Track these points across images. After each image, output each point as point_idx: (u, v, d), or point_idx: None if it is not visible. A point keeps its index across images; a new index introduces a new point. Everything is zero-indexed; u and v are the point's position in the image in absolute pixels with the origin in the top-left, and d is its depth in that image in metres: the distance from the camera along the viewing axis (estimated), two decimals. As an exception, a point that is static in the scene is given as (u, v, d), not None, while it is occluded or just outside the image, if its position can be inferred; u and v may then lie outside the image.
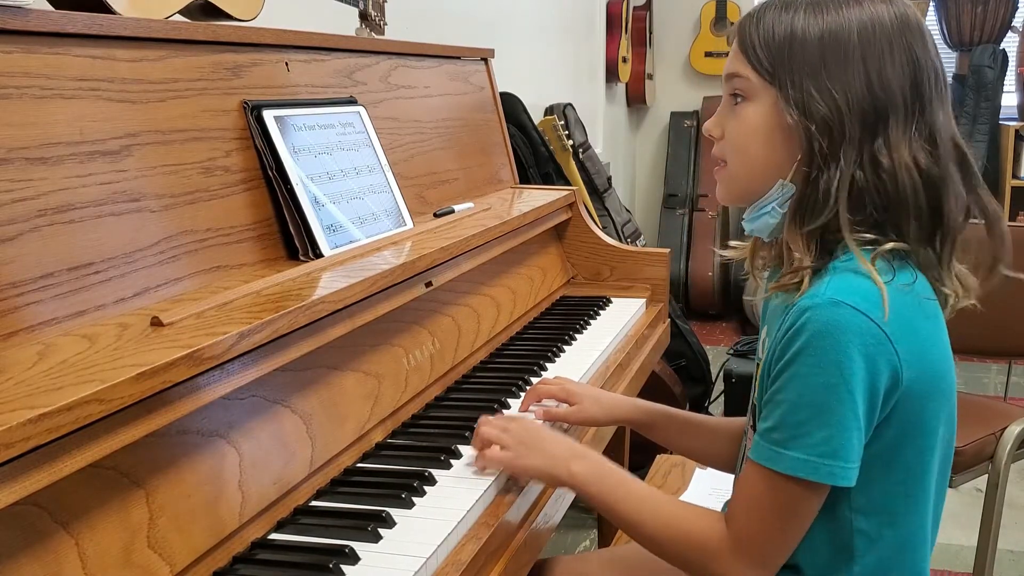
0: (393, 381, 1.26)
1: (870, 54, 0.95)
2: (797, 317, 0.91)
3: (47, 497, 0.74)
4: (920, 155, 0.94)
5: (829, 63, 0.95)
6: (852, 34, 0.95)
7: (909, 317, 0.92)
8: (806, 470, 0.90)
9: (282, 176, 1.24)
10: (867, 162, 0.94)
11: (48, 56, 0.96)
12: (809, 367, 0.90)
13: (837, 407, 0.89)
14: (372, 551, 0.93)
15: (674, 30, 5.29)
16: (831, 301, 0.90)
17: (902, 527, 0.98)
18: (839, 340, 0.88)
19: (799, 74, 0.96)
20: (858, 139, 0.94)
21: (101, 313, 0.94)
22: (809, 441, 0.90)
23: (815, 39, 0.96)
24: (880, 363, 0.89)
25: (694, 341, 3.07)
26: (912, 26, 0.97)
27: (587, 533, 2.58)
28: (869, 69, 0.94)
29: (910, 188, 0.93)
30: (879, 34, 0.95)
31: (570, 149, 3.41)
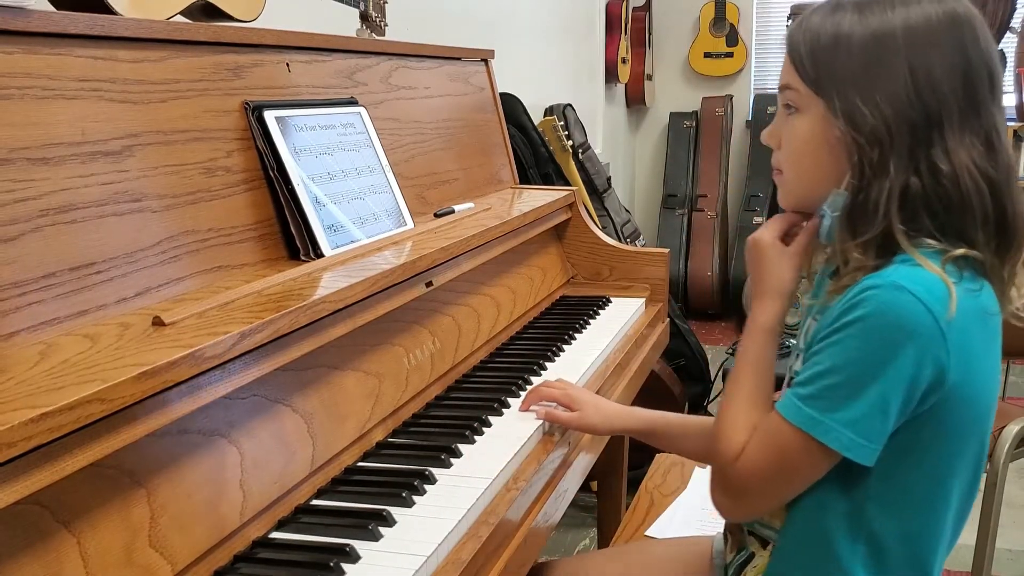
0: (394, 380, 1.27)
1: (916, 58, 0.93)
2: (859, 293, 0.91)
3: (49, 496, 0.74)
4: (979, 158, 0.92)
5: (873, 71, 0.93)
6: (896, 38, 0.93)
7: (968, 322, 0.91)
8: (819, 430, 0.91)
9: (283, 176, 1.24)
10: (925, 170, 0.92)
11: (50, 57, 0.96)
12: (855, 340, 0.90)
13: (872, 385, 0.89)
14: (372, 550, 0.93)
15: (673, 31, 5.29)
16: (895, 285, 0.89)
17: (912, 522, 0.98)
18: (892, 324, 0.89)
19: (844, 84, 0.95)
20: (909, 147, 0.92)
21: (103, 313, 0.94)
22: (831, 406, 0.91)
23: (859, 46, 0.94)
24: (927, 357, 0.89)
25: (693, 341, 3.07)
26: (962, 22, 0.94)
27: (587, 533, 2.59)
28: (916, 74, 0.92)
29: (975, 192, 0.92)
30: (926, 36, 0.93)
31: (570, 149, 3.41)
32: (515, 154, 2.33)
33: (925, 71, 0.93)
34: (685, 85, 5.33)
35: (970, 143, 0.93)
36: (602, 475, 2.09)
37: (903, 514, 0.97)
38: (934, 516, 0.99)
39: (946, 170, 0.92)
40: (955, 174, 0.92)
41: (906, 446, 0.94)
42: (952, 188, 0.92)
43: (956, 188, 0.92)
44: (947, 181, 0.92)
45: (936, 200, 0.93)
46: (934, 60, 0.93)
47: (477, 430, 1.22)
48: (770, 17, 5.21)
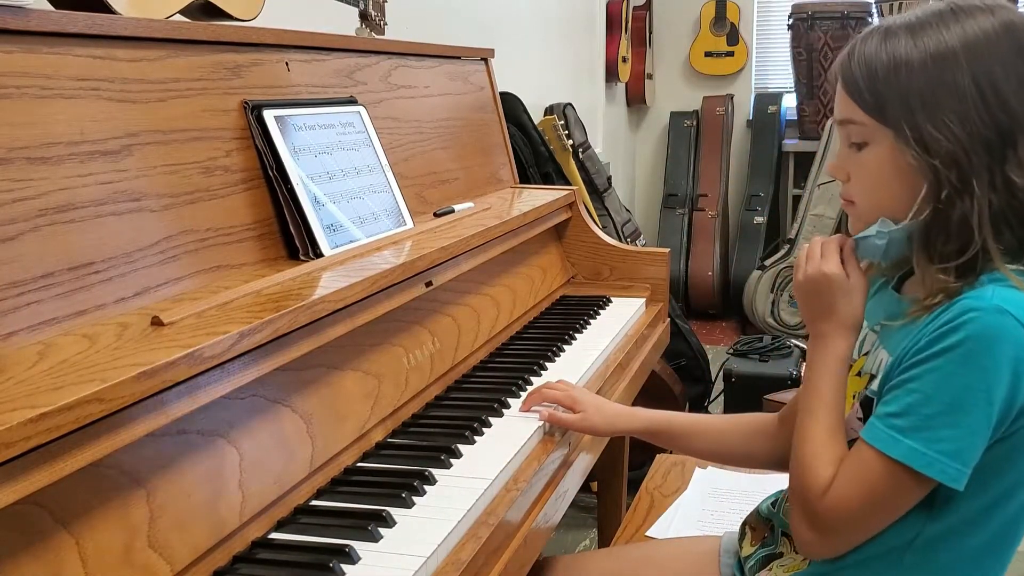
0: (393, 380, 1.27)
1: (980, 73, 0.91)
2: (959, 314, 0.89)
3: (48, 497, 0.74)
4: None
5: (939, 92, 0.92)
6: (957, 56, 0.92)
7: None
8: (921, 462, 0.90)
9: (282, 176, 1.24)
10: (1000, 186, 0.91)
11: (49, 56, 0.96)
12: (956, 365, 0.89)
13: (972, 411, 0.88)
14: (372, 550, 0.93)
15: (674, 30, 5.29)
16: (997, 308, 0.88)
17: (973, 540, 0.96)
18: (995, 348, 0.88)
19: (910, 110, 0.93)
20: (987, 165, 0.91)
21: (101, 313, 0.94)
22: (933, 436, 0.89)
23: (920, 69, 0.93)
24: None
25: (694, 341, 3.07)
26: (1019, 30, 0.93)
27: (587, 533, 2.58)
28: (983, 90, 0.91)
29: None
30: (986, 50, 0.92)
31: (570, 149, 3.41)
32: (515, 153, 2.32)
33: (991, 85, 0.91)
34: (686, 84, 5.33)
35: None
36: (602, 475, 2.09)
37: (964, 532, 0.96)
38: (992, 540, 0.97)
39: (1021, 184, 0.91)
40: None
41: (978, 468, 0.92)
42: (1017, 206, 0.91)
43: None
44: (1022, 195, 0.91)
45: (1012, 215, 0.91)
46: (998, 72, 0.91)
47: (477, 430, 1.22)
48: (771, 16, 5.21)
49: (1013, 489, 0.96)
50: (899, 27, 0.96)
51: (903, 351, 0.94)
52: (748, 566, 1.15)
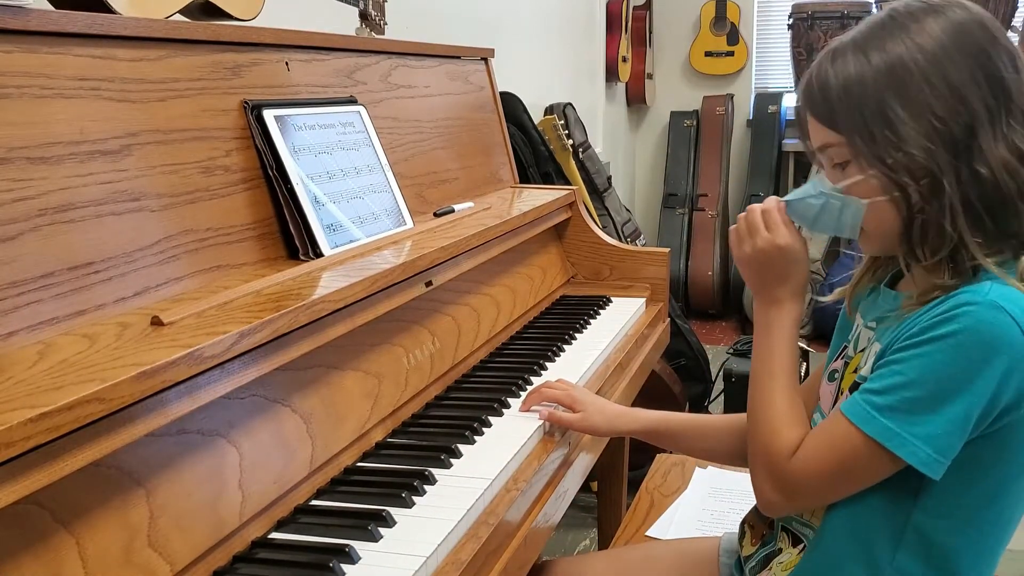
0: (393, 380, 1.27)
1: (933, 76, 0.92)
2: (954, 307, 0.90)
3: (48, 496, 0.74)
4: (1019, 145, 0.92)
5: (894, 102, 0.93)
6: (906, 63, 0.93)
7: None
8: (894, 442, 0.91)
9: (282, 175, 1.24)
10: (968, 179, 0.92)
11: (48, 56, 0.96)
12: (946, 355, 0.89)
13: (955, 402, 0.89)
14: (372, 550, 0.93)
15: (674, 30, 5.29)
16: (994, 304, 0.89)
17: (962, 537, 0.97)
18: (986, 343, 0.88)
19: (867, 124, 0.94)
20: (952, 163, 0.92)
21: (101, 312, 0.94)
22: (911, 419, 0.90)
23: (872, 83, 0.94)
24: (1013, 378, 0.89)
25: (694, 340, 3.07)
26: (968, 25, 0.94)
27: (587, 533, 2.58)
28: (939, 91, 0.92)
29: (1013, 187, 0.91)
30: (935, 51, 0.92)
31: (570, 149, 3.41)
32: (515, 153, 2.32)
33: (945, 85, 0.92)
34: (686, 84, 5.33)
35: (1006, 136, 0.92)
36: (602, 475, 2.09)
37: (952, 528, 0.97)
38: (981, 536, 0.98)
39: (985, 173, 0.91)
40: (994, 176, 0.91)
41: (964, 463, 0.93)
42: (994, 190, 0.92)
43: (997, 189, 0.91)
44: (989, 185, 0.91)
45: (984, 205, 0.92)
46: (950, 71, 0.92)
47: (477, 430, 1.22)
48: (771, 16, 5.21)
49: (1001, 488, 0.96)
50: (846, 45, 0.98)
51: (893, 337, 0.95)
52: (749, 567, 1.15)
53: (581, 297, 1.94)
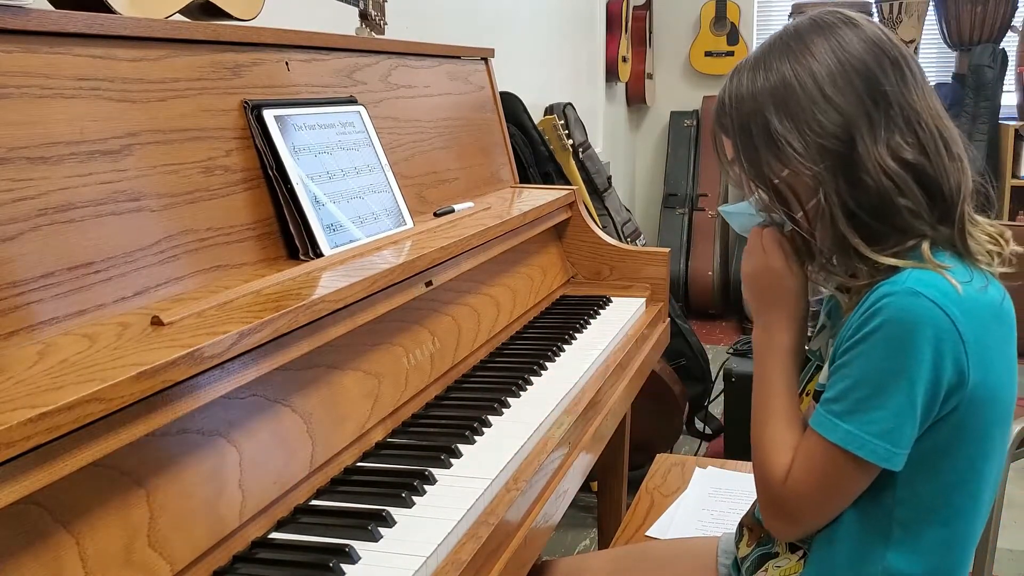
0: (393, 380, 1.27)
1: (817, 97, 0.97)
2: (876, 300, 0.93)
3: (48, 496, 0.74)
4: (898, 149, 0.96)
5: (778, 123, 0.98)
6: (792, 85, 0.98)
7: (982, 320, 0.94)
8: (855, 444, 0.93)
9: (282, 175, 1.24)
10: (847, 190, 0.97)
11: (48, 55, 0.96)
12: (878, 349, 0.92)
13: (896, 393, 0.92)
14: (372, 550, 0.93)
15: (674, 30, 5.29)
16: (911, 291, 0.92)
17: (943, 528, 0.99)
18: (911, 330, 0.91)
19: (758, 144, 1.00)
20: (833, 171, 0.97)
21: (101, 312, 0.94)
22: (865, 418, 0.93)
23: (759, 103, 1.00)
24: (948, 360, 0.91)
25: (694, 340, 3.07)
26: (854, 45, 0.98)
27: (587, 533, 2.58)
28: (822, 110, 0.97)
29: (894, 190, 0.95)
30: (820, 74, 0.97)
31: (570, 149, 3.41)
32: (515, 153, 2.32)
33: (828, 105, 0.97)
34: (686, 84, 5.33)
35: (886, 139, 0.96)
36: (602, 475, 2.09)
37: (934, 519, 0.98)
38: (963, 521, 0.99)
39: (867, 180, 0.96)
40: (874, 181, 0.95)
41: (927, 451, 0.95)
42: (875, 195, 0.96)
43: (877, 193, 0.96)
44: (872, 191, 0.96)
45: (865, 210, 0.97)
46: (833, 92, 0.97)
47: (477, 430, 1.22)
48: (771, 16, 5.21)
49: (968, 470, 0.97)
50: (746, 63, 1.03)
51: (839, 339, 0.98)
52: (745, 567, 1.15)
53: (581, 297, 1.94)
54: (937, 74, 5.15)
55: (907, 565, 0.99)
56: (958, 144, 0.99)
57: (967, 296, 0.93)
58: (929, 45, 5.07)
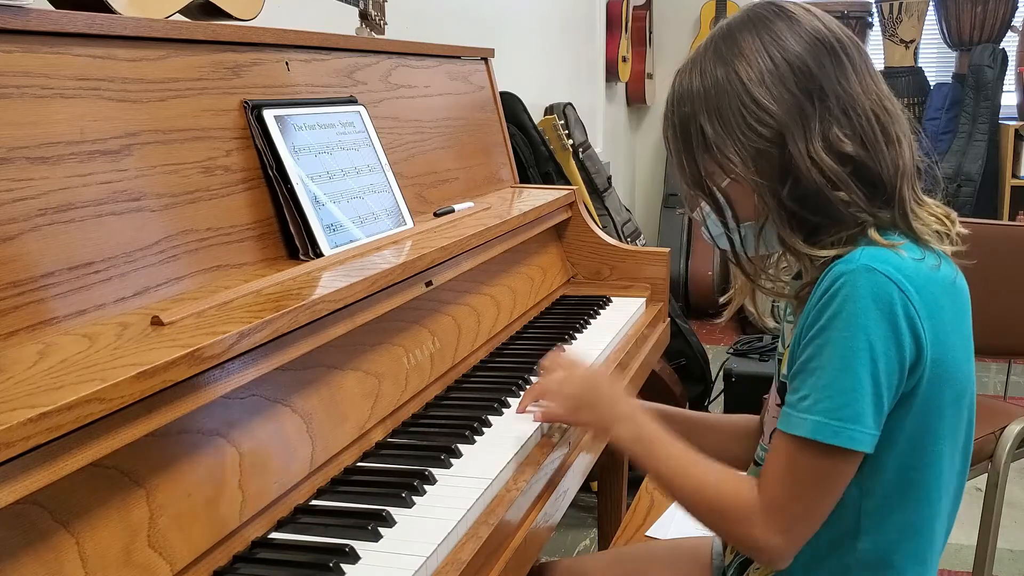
0: (393, 380, 1.27)
1: (746, 99, 0.97)
2: (832, 282, 0.92)
3: (48, 496, 0.74)
4: (838, 142, 0.95)
5: (710, 127, 0.99)
6: (723, 88, 0.98)
7: (936, 297, 0.94)
8: (826, 433, 0.91)
9: (282, 175, 1.24)
10: (778, 189, 0.97)
11: (48, 56, 0.96)
12: (838, 331, 0.91)
13: (858, 371, 0.90)
14: (372, 550, 0.93)
15: (674, 30, 5.29)
16: (866, 267, 0.91)
17: (909, 513, 0.99)
18: (869, 306, 0.90)
19: (690, 140, 1.01)
20: (767, 177, 0.97)
21: (101, 312, 0.94)
22: (832, 404, 0.91)
23: (693, 106, 1.00)
24: (906, 335, 0.91)
25: (694, 340, 3.07)
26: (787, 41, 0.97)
27: (587, 533, 2.58)
28: (750, 112, 0.96)
29: (826, 185, 0.95)
30: (749, 75, 0.97)
31: (570, 148, 3.41)
32: (515, 153, 2.32)
33: (756, 107, 0.96)
34: (686, 84, 5.32)
35: (822, 133, 0.95)
36: (602, 475, 2.09)
37: (899, 505, 0.98)
38: (929, 506, 0.99)
39: (800, 176, 0.96)
40: (807, 179, 0.95)
41: (890, 434, 0.94)
42: (811, 192, 0.96)
43: (814, 191, 0.95)
44: (804, 187, 0.96)
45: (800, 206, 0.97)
46: (761, 94, 0.96)
47: (477, 430, 1.22)
48: (771, 16, 5.20)
49: (931, 450, 0.97)
50: (686, 64, 1.03)
51: (799, 329, 0.97)
52: (728, 573, 1.15)
53: (581, 297, 1.93)
54: (937, 74, 5.15)
55: (877, 553, 0.99)
56: (898, 125, 0.99)
57: (921, 272, 0.93)
58: (929, 45, 5.07)
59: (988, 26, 4.77)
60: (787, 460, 0.95)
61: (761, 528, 0.96)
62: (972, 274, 1.03)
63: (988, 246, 1.98)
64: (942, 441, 0.97)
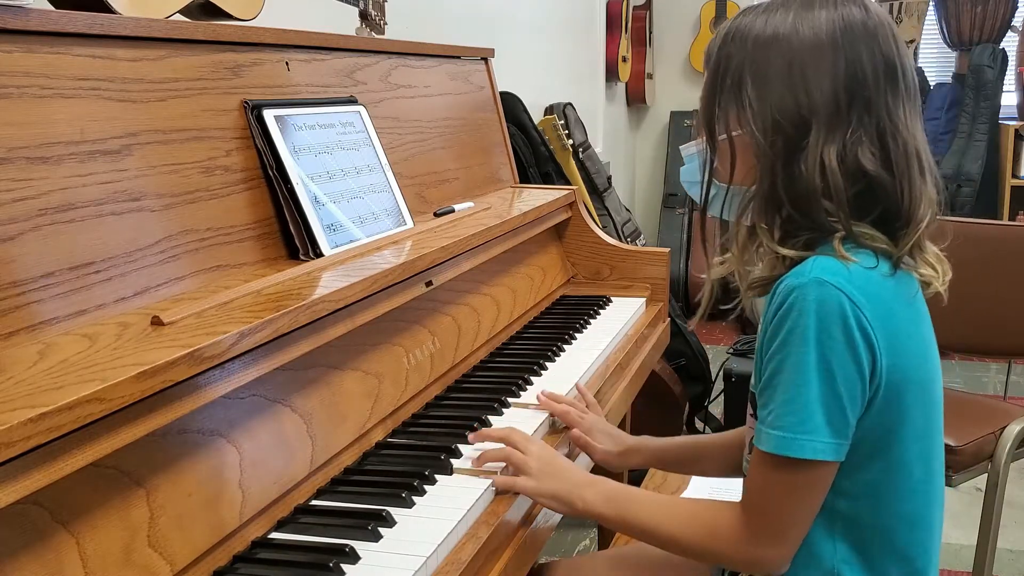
0: (393, 380, 1.27)
1: (794, 70, 0.95)
2: (785, 296, 0.93)
3: (48, 496, 0.74)
4: (861, 156, 0.94)
5: (750, 84, 0.97)
6: (779, 40, 0.96)
7: (887, 304, 0.94)
8: (789, 447, 0.92)
9: (282, 175, 1.24)
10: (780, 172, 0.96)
11: (48, 55, 0.96)
12: (795, 346, 0.92)
13: (814, 384, 0.91)
14: (372, 550, 0.93)
15: (674, 29, 5.29)
16: (816, 280, 0.91)
17: (885, 514, 0.99)
18: (822, 319, 0.90)
19: (725, 83, 0.99)
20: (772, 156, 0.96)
21: (101, 312, 0.94)
22: (791, 420, 0.92)
23: (742, 54, 0.98)
24: (861, 344, 0.91)
25: (694, 340, 3.07)
26: (855, 27, 0.96)
27: (587, 533, 2.58)
28: (791, 86, 0.95)
29: (821, 187, 0.94)
30: (805, 47, 0.95)
31: (570, 148, 3.41)
32: (515, 153, 2.32)
33: (801, 82, 0.95)
34: (686, 84, 5.33)
35: (845, 141, 0.94)
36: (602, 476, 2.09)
37: (872, 506, 0.98)
38: (904, 505, 0.99)
39: (802, 171, 0.95)
40: (808, 175, 0.94)
41: (859, 438, 0.95)
42: (803, 187, 0.95)
43: (805, 188, 0.95)
44: (800, 182, 0.95)
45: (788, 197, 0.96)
46: (811, 71, 0.95)
47: (477, 430, 1.22)
48: (771, 16, 5.20)
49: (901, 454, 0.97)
50: (755, 6, 1.01)
51: (759, 343, 0.98)
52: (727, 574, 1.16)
53: (581, 297, 1.94)
54: (937, 74, 5.15)
55: (855, 553, 0.99)
56: (933, 173, 0.98)
57: (872, 280, 0.93)
58: (929, 45, 5.07)
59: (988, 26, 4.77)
60: (762, 474, 0.97)
61: (752, 545, 0.98)
62: (972, 274, 1.02)
63: (988, 246, 1.98)
64: (910, 443, 0.98)
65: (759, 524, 0.97)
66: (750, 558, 0.99)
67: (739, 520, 0.98)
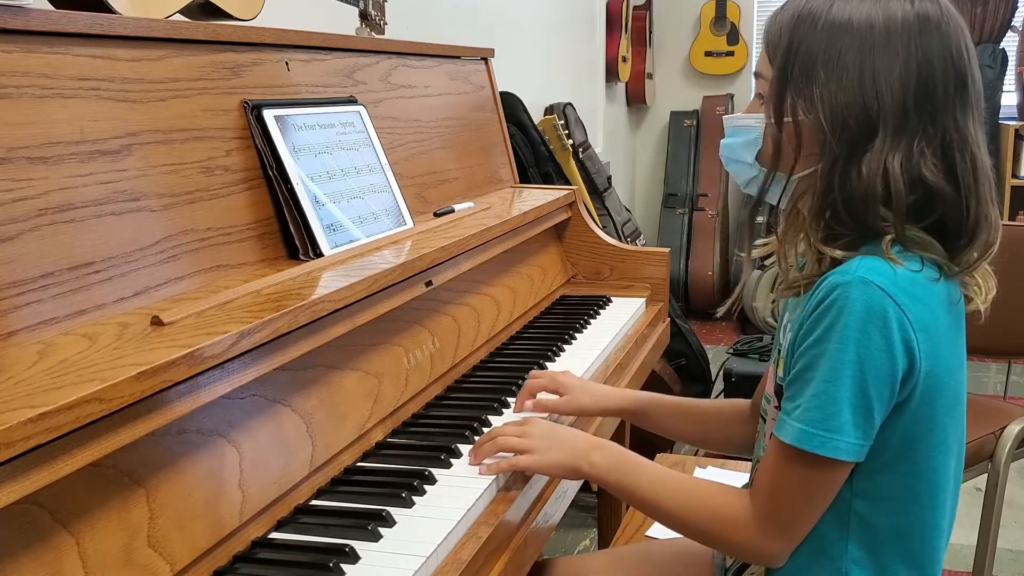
0: (393, 380, 1.27)
1: (866, 55, 0.93)
2: (827, 293, 0.92)
3: (47, 496, 0.74)
4: (922, 165, 0.92)
5: (821, 72, 0.94)
6: (853, 30, 0.94)
7: (932, 309, 0.93)
8: (810, 442, 0.92)
9: (282, 175, 1.24)
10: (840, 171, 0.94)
11: (48, 56, 0.96)
12: (832, 343, 0.91)
13: (847, 383, 0.91)
14: (372, 550, 0.93)
15: (674, 29, 5.29)
16: (862, 280, 0.91)
17: (902, 519, 0.99)
18: (863, 319, 0.90)
19: (792, 71, 0.97)
20: (839, 150, 0.94)
21: (101, 312, 0.94)
22: (816, 415, 0.92)
23: (819, 30, 0.95)
24: (899, 347, 0.90)
25: (694, 340, 3.07)
26: (931, 26, 0.93)
27: (587, 533, 2.58)
28: (863, 84, 0.93)
29: (882, 195, 0.92)
30: (883, 34, 0.93)
31: (570, 148, 3.41)
32: (515, 153, 2.32)
33: (872, 81, 0.93)
34: (686, 84, 5.33)
35: (910, 150, 0.93)
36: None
37: (890, 509, 0.98)
38: (922, 511, 0.99)
39: (862, 174, 0.93)
40: (868, 180, 0.93)
41: (885, 441, 0.95)
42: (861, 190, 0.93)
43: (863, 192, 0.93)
44: (858, 185, 0.93)
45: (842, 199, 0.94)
46: (883, 70, 0.93)
47: (477, 430, 1.22)
48: (771, 16, 5.20)
49: (926, 460, 0.97)
50: None
51: (793, 336, 0.97)
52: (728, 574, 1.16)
53: (581, 297, 1.94)
54: (937, 74, 5.15)
55: (868, 555, 0.99)
56: (992, 186, 0.97)
57: (917, 283, 0.92)
58: (929, 45, 5.06)
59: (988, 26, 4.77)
60: (777, 466, 0.96)
61: (756, 533, 0.98)
62: (972, 274, 1.02)
63: (988, 246, 1.98)
64: (935, 449, 0.97)
65: (767, 515, 0.97)
66: (752, 547, 0.99)
67: (747, 508, 0.98)
